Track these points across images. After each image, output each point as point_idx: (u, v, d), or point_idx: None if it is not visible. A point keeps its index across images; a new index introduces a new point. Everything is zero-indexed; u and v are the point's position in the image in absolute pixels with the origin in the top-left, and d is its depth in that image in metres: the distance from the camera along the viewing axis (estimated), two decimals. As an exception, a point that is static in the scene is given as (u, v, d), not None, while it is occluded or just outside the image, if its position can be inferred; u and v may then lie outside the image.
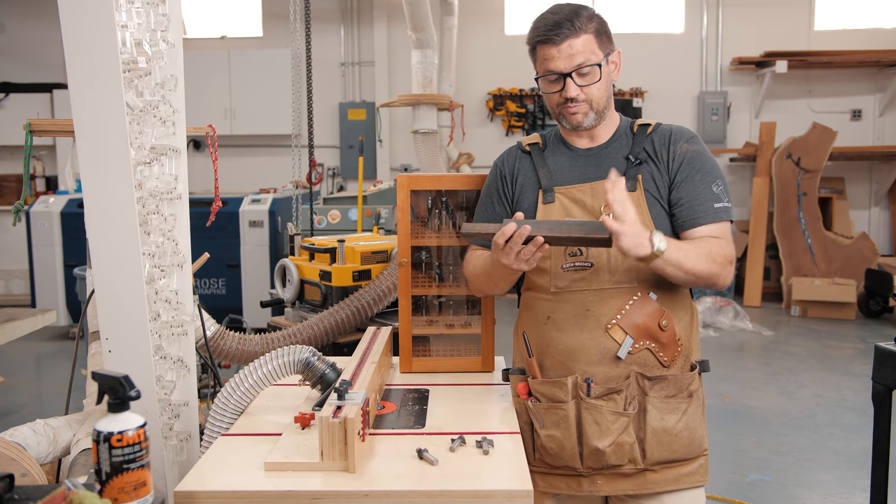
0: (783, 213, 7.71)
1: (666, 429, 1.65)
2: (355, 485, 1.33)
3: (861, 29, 8.46)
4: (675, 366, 1.68)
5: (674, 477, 1.68)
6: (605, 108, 1.73)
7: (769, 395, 4.91)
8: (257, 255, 6.55)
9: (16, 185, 8.73)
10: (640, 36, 8.54)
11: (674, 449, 1.66)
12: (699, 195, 1.68)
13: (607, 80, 1.71)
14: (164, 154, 1.66)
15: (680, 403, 1.66)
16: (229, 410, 1.67)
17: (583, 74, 1.67)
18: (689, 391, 1.68)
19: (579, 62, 1.65)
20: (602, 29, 1.69)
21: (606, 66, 1.69)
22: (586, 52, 1.65)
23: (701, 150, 1.72)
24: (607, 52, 1.69)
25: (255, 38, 8.93)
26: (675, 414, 1.65)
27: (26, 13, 8.65)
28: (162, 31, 1.64)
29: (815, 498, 3.43)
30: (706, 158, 1.72)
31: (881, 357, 2.23)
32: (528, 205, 1.76)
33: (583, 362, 1.66)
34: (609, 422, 1.63)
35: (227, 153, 8.50)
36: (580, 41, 1.65)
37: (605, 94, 1.71)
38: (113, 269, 1.57)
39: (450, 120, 6.29)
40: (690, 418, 1.68)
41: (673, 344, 1.67)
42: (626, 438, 1.64)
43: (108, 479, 1.13)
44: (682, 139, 1.73)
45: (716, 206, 1.68)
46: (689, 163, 1.70)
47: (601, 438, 1.63)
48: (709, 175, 1.69)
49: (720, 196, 1.69)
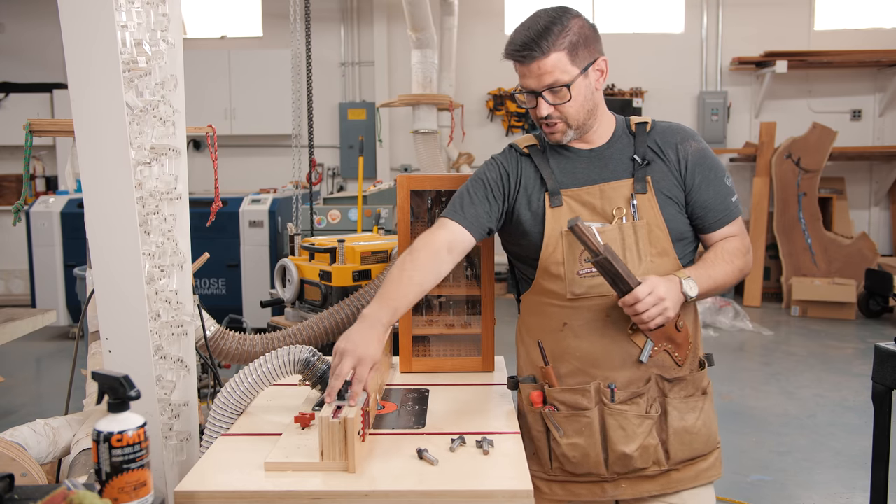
0: (783, 213, 7.71)
1: (687, 428, 1.66)
2: (355, 485, 1.33)
3: (861, 29, 8.46)
4: (686, 364, 1.69)
5: (694, 473, 1.69)
6: (587, 122, 1.67)
7: (769, 395, 4.91)
8: (257, 255, 6.55)
9: (16, 185, 8.73)
10: (640, 36, 8.54)
11: (695, 447, 1.68)
12: (718, 194, 1.71)
13: (584, 95, 1.64)
14: (164, 154, 1.66)
15: (697, 402, 1.68)
16: (229, 410, 1.67)
17: (555, 93, 1.62)
18: (703, 388, 1.71)
19: (549, 83, 1.60)
20: (579, 41, 1.60)
21: (585, 80, 1.63)
22: (556, 73, 1.59)
23: (704, 146, 1.74)
24: (587, 64, 1.62)
25: (255, 38, 8.92)
26: (694, 412, 1.67)
27: (26, 13, 8.65)
28: (162, 31, 1.64)
29: (815, 498, 3.43)
30: (711, 154, 1.74)
31: (881, 357, 2.23)
32: (533, 208, 1.71)
33: (605, 368, 1.64)
34: (634, 426, 1.62)
35: (227, 153, 8.50)
36: (549, 61, 1.59)
37: (582, 110, 1.65)
38: (113, 269, 1.57)
39: (450, 120, 6.28)
40: (706, 415, 1.70)
41: (686, 343, 1.68)
42: (650, 441, 1.63)
43: (108, 479, 1.13)
44: (686, 137, 1.73)
45: (732, 200, 1.73)
46: (699, 163, 1.70)
47: (628, 443, 1.61)
48: (720, 171, 1.72)
49: (732, 189, 1.73)
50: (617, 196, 1.67)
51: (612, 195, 1.67)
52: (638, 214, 1.65)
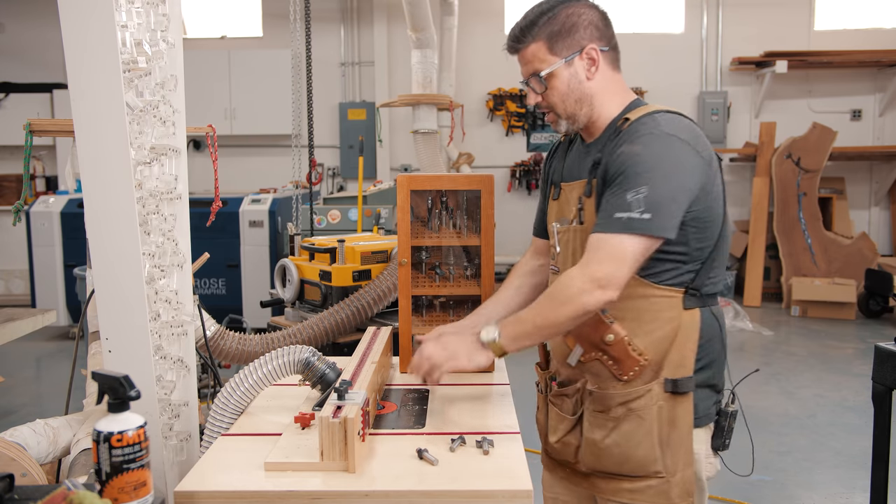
0: (783, 213, 7.71)
1: (594, 441, 1.62)
2: (355, 485, 1.33)
3: (861, 29, 8.46)
4: (638, 380, 1.58)
5: (613, 489, 1.63)
6: (576, 112, 1.64)
7: (769, 395, 4.91)
8: (257, 255, 6.55)
9: (16, 185, 8.73)
10: (640, 36, 8.54)
11: (603, 462, 1.62)
12: (608, 203, 1.52)
13: (569, 84, 1.62)
14: (164, 154, 1.66)
15: (607, 421, 1.60)
16: (229, 410, 1.67)
17: (538, 82, 1.64)
18: (629, 408, 1.58)
19: (529, 73, 1.64)
20: (562, 30, 1.59)
21: (569, 69, 1.61)
22: (535, 62, 1.62)
23: (644, 151, 1.50)
24: (571, 54, 1.60)
25: (255, 38, 8.92)
26: (602, 430, 1.60)
27: (26, 13, 8.65)
28: (162, 31, 1.64)
29: (815, 498, 3.43)
30: (642, 160, 1.50)
31: (881, 357, 2.24)
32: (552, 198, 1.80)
33: (557, 360, 1.76)
34: (556, 421, 1.73)
35: (227, 153, 8.50)
36: (529, 51, 1.62)
37: (567, 99, 1.63)
38: (113, 269, 1.57)
39: (450, 120, 6.28)
40: (624, 437, 1.58)
41: (629, 359, 1.58)
42: (571, 440, 1.69)
43: (108, 479, 1.13)
44: (635, 139, 1.53)
45: (616, 215, 1.48)
46: (619, 167, 1.53)
47: (553, 433, 1.74)
48: (633, 180, 1.48)
49: (633, 205, 1.47)
50: (573, 197, 1.68)
51: (570, 195, 1.69)
52: (583, 217, 1.64)
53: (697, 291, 1.59)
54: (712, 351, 1.63)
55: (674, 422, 1.58)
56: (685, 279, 1.59)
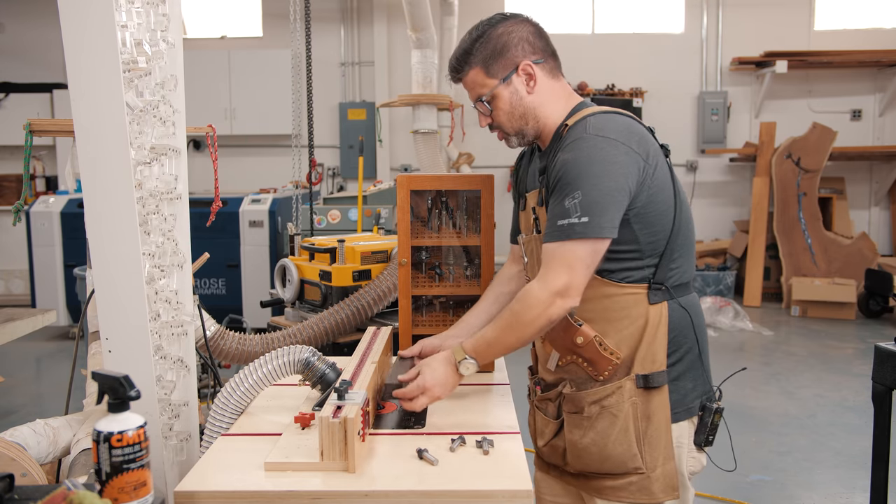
0: (783, 213, 7.71)
1: (573, 441, 1.64)
2: (355, 485, 1.33)
3: (861, 29, 8.47)
4: (614, 378, 1.60)
5: (597, 487, 1.65)
6: (523, 128, 1.68)
7: (769, 395, 4.92)
8: (257, 255, 6.55)
9: (16, 185, 8.73)
10: (640, 36, 8.55)
11: (585, 462, 1.64)
12: (552, 211, 1.55)
13: (511, 102, 1.66)
14: (164, 154, 1.66)
15: (583, 420, 1.61)
16: (229, 410, 1.67)
17: (484, 105, 1.68)
18: (602, 405, 1.59)
19: (474, 98, 1.69)
20: (493, 53, 1.63)
21: (508, 88, 1.65)
22: (476, 88, 1.68)
23: (574, 157, 1.52)
24: (507, 73, 1.64)
25: (255, 38, 8.93)
26: (580, 429, 1.62)
27: (26, 13, 8.65)
28: (162, 31, 1.64)
29: (815, 498, 3.43)
30: (574, 166, 1.51)
31: (881, 357, 2.24)
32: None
33: (540, 366, 1.79)
34: (542, 425, 1.75)
35: (227, 153, 8.50)
36: (469, 78, 1.68)
37: (512, 117, 1.67)
38: (113, 269, 1.57)
39: (450, 120, 6.27)
40: (600, 435, 1.59)
41: (601, 359, 1.60)
42: (558, 443, 1.70)
43: (108, 479, 1.13)
44: (564, 146, 1.57)
45: (559, 223, 1.51)
46: (556, 174, 1.55)
47: (540, 437, 1.76)
48: (568, 187, 1.51)
49: (570, 211, 1.49)
50: (530, 206, 1.73)
51: (530, 205, 1.73)
52: (539, 226, 1.67)
53: (662, 285, 1.60)
54: (685, 343, 1.64)
55: (649, 417, 1.60)
56: (645, 274, 1.60)
